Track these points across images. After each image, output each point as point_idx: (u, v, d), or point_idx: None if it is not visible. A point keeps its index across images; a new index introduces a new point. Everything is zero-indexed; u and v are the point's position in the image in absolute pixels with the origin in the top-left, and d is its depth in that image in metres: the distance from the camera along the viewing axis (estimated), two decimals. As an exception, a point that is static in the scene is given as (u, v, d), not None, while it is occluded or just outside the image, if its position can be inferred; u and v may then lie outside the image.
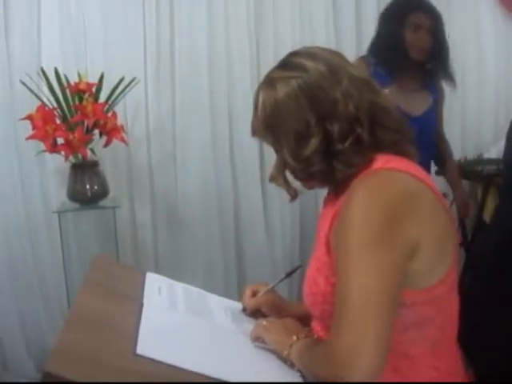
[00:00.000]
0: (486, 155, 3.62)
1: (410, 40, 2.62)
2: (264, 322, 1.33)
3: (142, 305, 1.31)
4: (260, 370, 1.22)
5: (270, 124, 1.25)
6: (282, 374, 1.21)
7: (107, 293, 1.36)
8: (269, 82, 1.26)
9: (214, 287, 2.62)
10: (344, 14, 3.49)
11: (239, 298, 1.55)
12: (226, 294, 1.73)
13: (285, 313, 1.44)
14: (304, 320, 1.37)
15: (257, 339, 1.30)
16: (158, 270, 3.11)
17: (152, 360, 1.10)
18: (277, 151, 1.29)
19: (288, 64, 1.27)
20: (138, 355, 1.10)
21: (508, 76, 3.80)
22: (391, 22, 2.67)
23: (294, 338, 1.22)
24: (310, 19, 3.42)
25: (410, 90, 2.67)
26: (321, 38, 3.39)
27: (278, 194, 3.47)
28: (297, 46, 3.45)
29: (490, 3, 3.69)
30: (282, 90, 1.22)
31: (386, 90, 1.36)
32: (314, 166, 1.22)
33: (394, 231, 1.07)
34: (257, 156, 3.38)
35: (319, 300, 1.22)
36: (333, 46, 2.94)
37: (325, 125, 1.19)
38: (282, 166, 1.29)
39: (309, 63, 1.23)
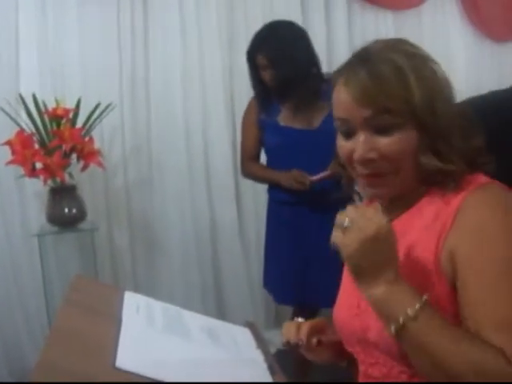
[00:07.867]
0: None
1: (264, 77, 2.64)
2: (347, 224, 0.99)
3: (120, 321, 1.36)
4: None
5: None
6: None
7: (86, 310, 1.41)
8: None
9: (192, 307, 2.64)
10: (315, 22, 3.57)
11: (218, 318, 1.59)
12: (204, 314, 1.78)
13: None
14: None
15: None
16: (136, 290, 3.09)
17: (131, 373, 1.16)
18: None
19: None
20: (118, 368, 1.16)
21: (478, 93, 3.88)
22: (249, 62, 2.69)
23: (416, 306, 0.97)
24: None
25: (301, 108, 2.63)
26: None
27: (253, 214, 3.53)
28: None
29: (461, 24, 3.81)
30: None
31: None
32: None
33: None
34: (232, 176, 3.45)
35: None
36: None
37: None
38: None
39: None
